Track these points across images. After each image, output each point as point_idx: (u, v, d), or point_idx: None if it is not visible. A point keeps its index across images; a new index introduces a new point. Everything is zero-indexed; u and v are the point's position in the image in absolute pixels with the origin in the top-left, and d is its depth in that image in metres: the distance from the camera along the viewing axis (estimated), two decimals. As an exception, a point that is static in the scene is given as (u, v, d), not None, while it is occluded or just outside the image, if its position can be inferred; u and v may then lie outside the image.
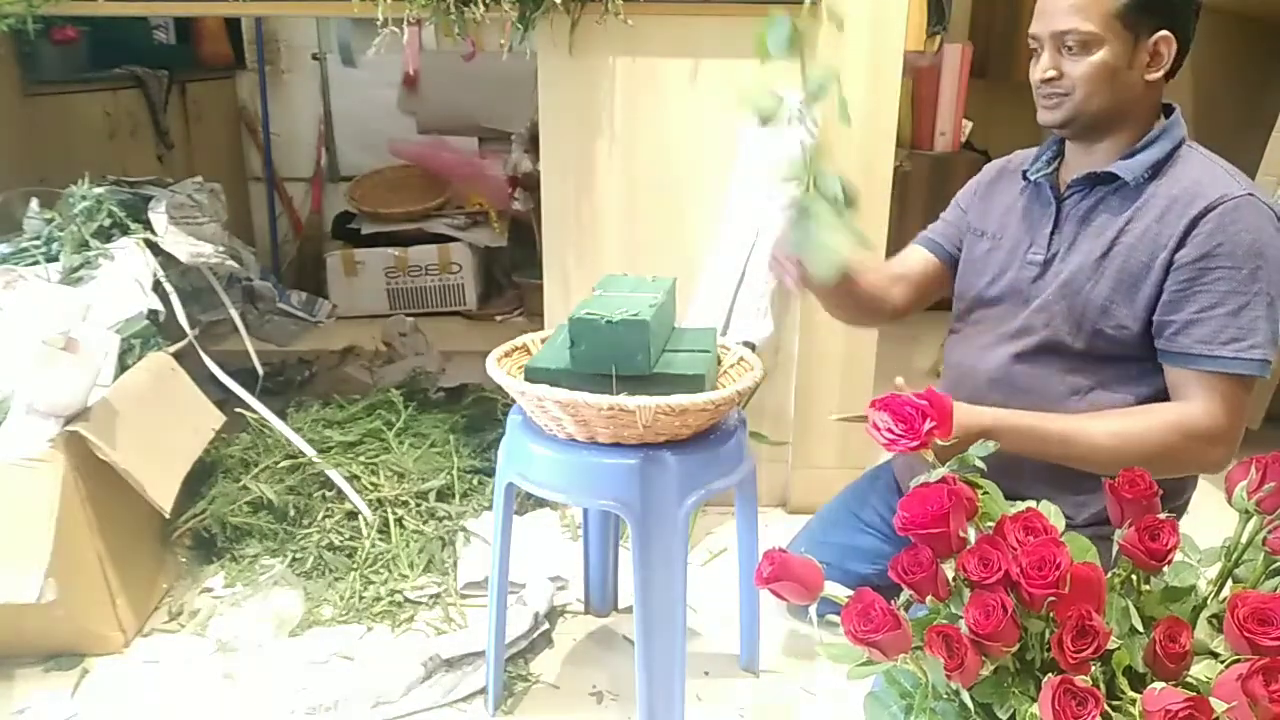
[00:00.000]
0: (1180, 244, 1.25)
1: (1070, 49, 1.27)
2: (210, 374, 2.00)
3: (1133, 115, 1.32)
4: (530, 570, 1.83)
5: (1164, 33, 1.26)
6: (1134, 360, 1.33)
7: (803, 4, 1.87)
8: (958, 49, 3.15)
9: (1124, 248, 1.30)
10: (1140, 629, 0.86)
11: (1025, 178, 1.45)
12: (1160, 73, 1.28)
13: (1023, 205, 1.46)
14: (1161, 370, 1.32)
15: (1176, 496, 1.40)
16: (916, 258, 1.62)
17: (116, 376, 1.70)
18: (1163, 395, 1.33)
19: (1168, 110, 1.35)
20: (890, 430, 0.94)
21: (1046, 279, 1.39)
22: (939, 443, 0.94)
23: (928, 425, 0.92)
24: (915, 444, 0.93)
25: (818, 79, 1.28)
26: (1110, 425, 1.28)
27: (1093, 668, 0.81)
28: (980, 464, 0.96)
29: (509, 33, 1.85)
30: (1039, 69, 1.31)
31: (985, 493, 0.96)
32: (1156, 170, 1.31)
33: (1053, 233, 1.39)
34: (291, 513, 1.94)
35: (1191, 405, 1.26)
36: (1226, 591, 0.90)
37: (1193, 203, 1.25)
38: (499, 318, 3.70)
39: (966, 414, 1.26)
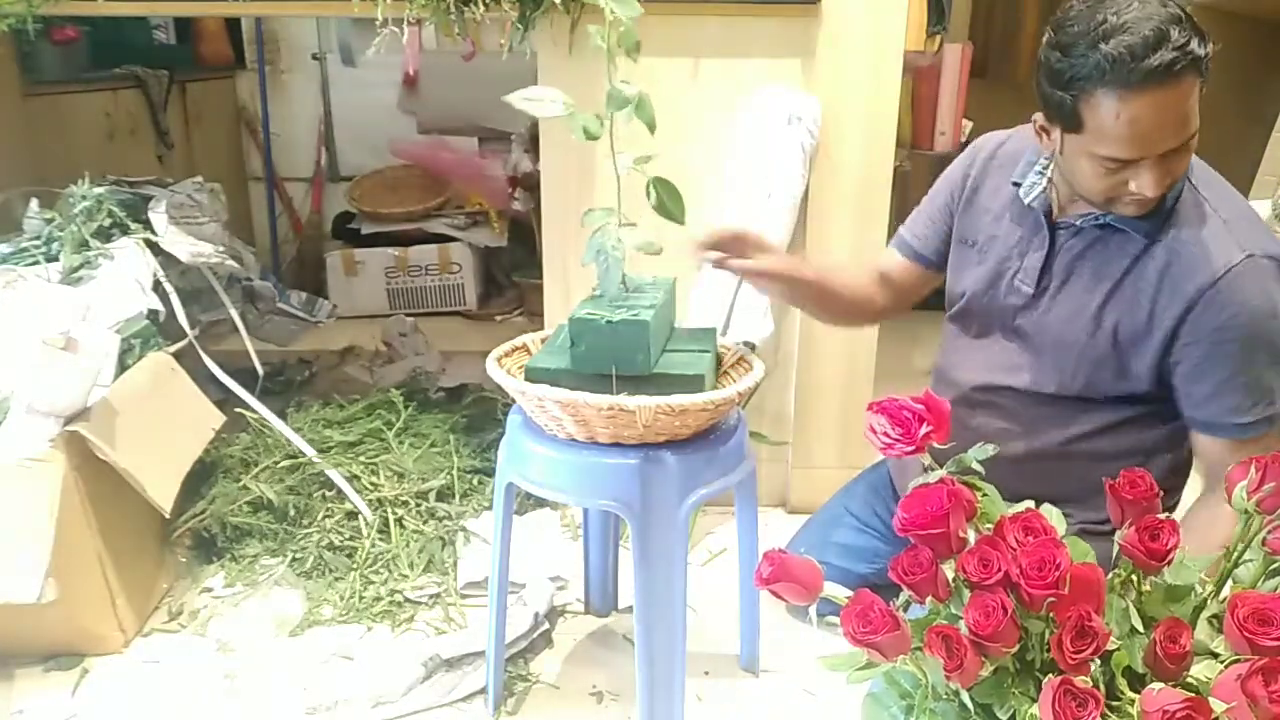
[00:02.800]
0: (1185, 313, 1.23)
1: (1177, 150, 1.16)
2: (210, 374, 2.00)
3: None
4: (530, 570, 1.83)
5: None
6: (1107, 400, 1.34)
7: (810, 4, 1.87)
8: (958, 49, 3.14)
9: (1125, 301, 1.28)
10: (1140, 629, 0.86)
11: (1016, 190, 1.39)
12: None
13: (1011, 217, 1.40)
14: (1150, 414, 1.33)
15: (1167, 498, 1.40)
16: (893, 262, 1.59)
17: (116, 376, 1.70)
18: (1142, 416, 1.33)
19: None
20: (887, 434, 0.94)
21: (1036, 314, 1.37)
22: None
23: (924, 430, 0.92)
24: (911, 448, 0.93)
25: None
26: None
27: (1092, 668, 0.81)
28: (978, 466, 0.96)
29: (509, 33, 1.85)
30: (1150, 187, 1.17)
31: (984, 494, 0.96)
32: (1159, 215, 1.26)
33: (1044, 267, 1.35)
34: (291, 513, 1.94)
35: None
36: (1226, 592, 0.90)
37: (1194, 270, 1.22)
38: (499, 318, 3.69)
39: None
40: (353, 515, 1.94)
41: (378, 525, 1.93)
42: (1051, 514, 0.92)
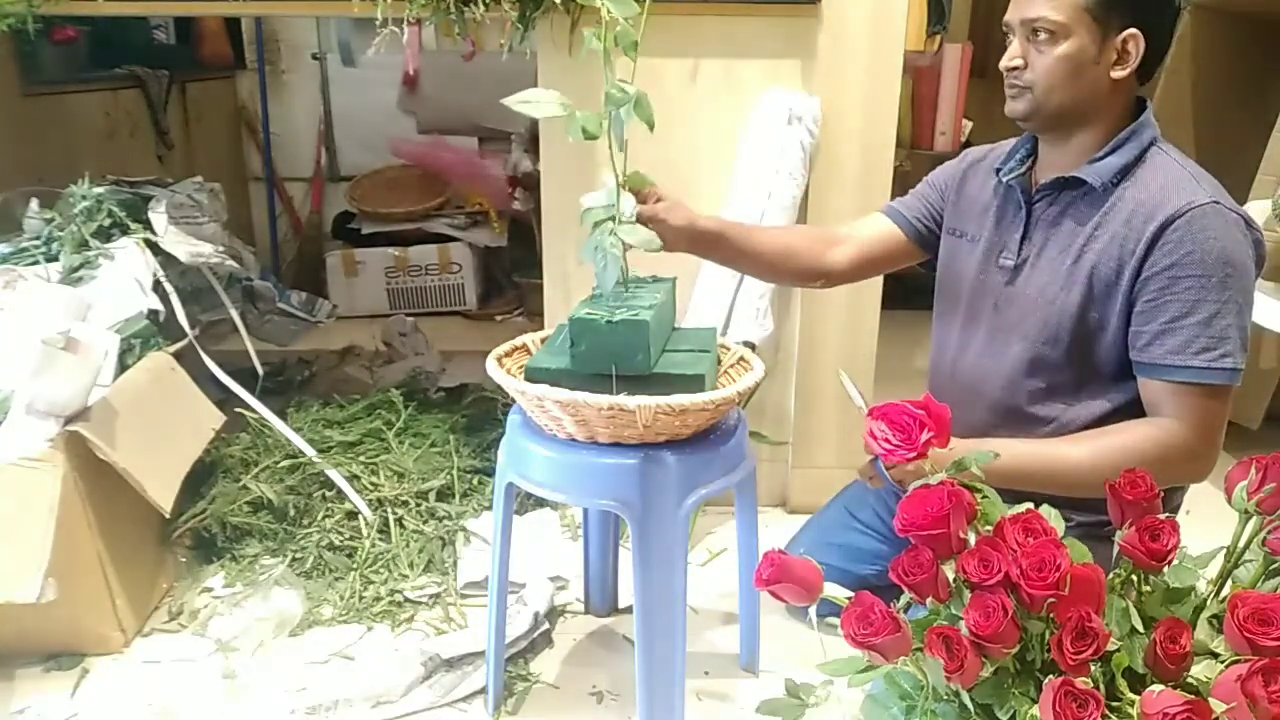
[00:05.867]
0: (1147, 252, 1.25)
1: (1038, 38, 1.27)
2: (210, 374, 1.99)
3: (1099, 113, 1.31)
4: (530, 570, 1.83)
5: (1133, 30, 1.25)
6: (1108, 368, 1.34)
7: (810, 4, 1.87)
8: (958, 49, 3.14)
9: (1094, 254, 1.30)
10: (1140, 630, 0.86)
11: (998, 176, 1.44)
12: (1126, 71, 1.27)
13: (997, 205, 1.45)
14: (1128, 371, 1.31)
15: (1168, 499, 1.39)
16: (874, 225, 1.60)
17: (116, 376, 1.70)
18: (1137, 403, 1.32)
19: (1139, 106, 1.34)
20: (888, 440, 0.94)
21: (1017, 285, 1.39)
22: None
23: (925, 435, 0.92)
24: (912, 454, 0.93)
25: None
26: (1088, 446, 1.27)
27: (1092, 669, 0.81)
28: (978, 471, 0.96)
29: (509, 33, 1.85)
30: (1005, 56, 1.31)
31: (984, 497, 0.96)
32: (1125, 174, 1.30)
33: (1023, 238, 1.39)
34: (291, 513, 1.93)
35: (1168, 420, 1.25)
36: (1226, 592, 0.90)
37: (1158, 209, 1.24)
38: (499, 318, 3.69)
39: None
40: (353, 515, 1.94)
41: (378, 525, 1.93)
42: (1051, 515, 0.92)
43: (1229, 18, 2.74)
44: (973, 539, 0.90)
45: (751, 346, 1.77)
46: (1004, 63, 1.31)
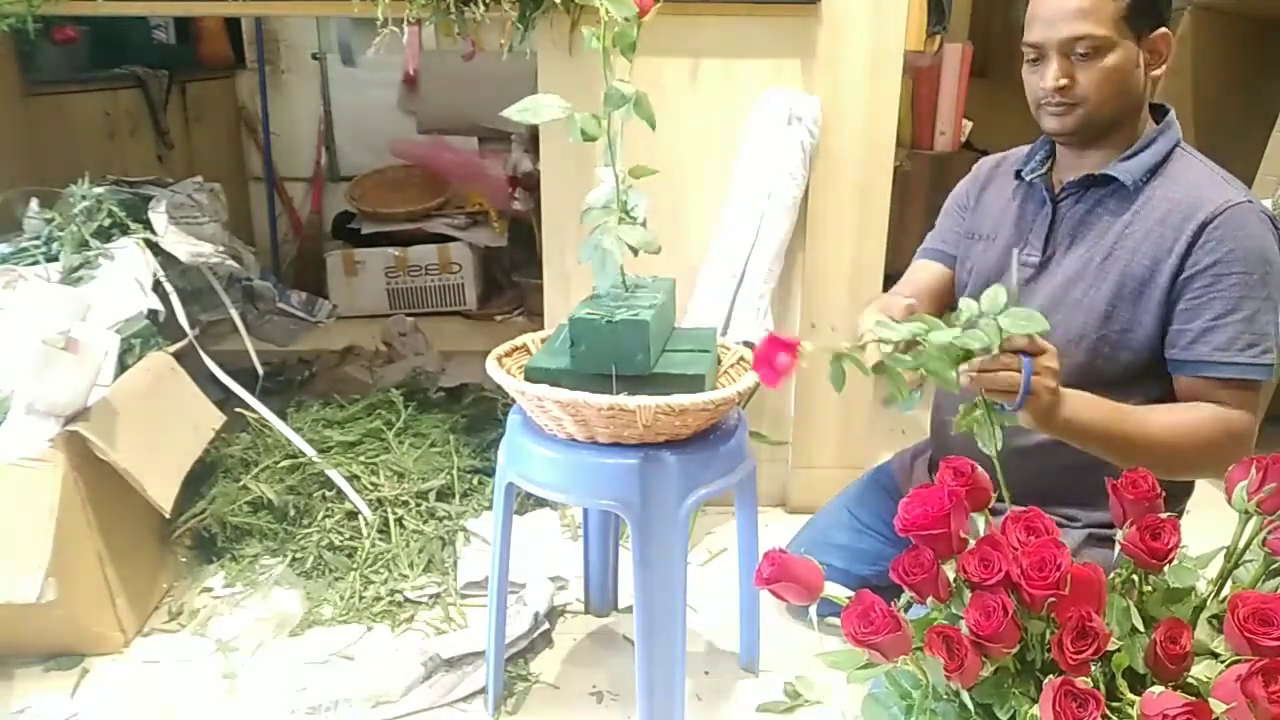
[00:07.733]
0: (1188, 251, 1.25)
1: (1082, 55, 1.25)
2: (210, 374, 2.00)
3: (1133, 116, 1.32)
4: (530, 570, 1.83)
5: (1163, 30, 1.26)
6: (1132, 369, 1.33)
7: (810, 3, 1.87)
8: (958, 49, 3.14)
9: (1126, 251, 1.30)
10: (1141, 629, 0.86)
11: (1019, 177, 1.45)
12: (1162, 69, 1.28)
13: (1017, 205, 1.45)
14: (1160, 383, 1.31)
15: (1174, 503, 1.39)
16: (928, 273, 1.60)
17: (116, 376, 1.70)
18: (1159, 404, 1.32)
19: (1160, 110, 1.35)
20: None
21: (1041, 282, 1.39)
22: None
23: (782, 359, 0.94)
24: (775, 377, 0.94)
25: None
26: (1164, 419, 1.25)
27: (1092, 669, 0.81)
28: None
29: (509, 33, 1.85)
30: (1049, 78, 1.28)
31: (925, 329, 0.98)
32: (1154, 172, 1.31)
33: (1048, 235, 1.39)
34: (291, 513, 1.93)
35: (1225, 407, 1.25)
36: (1226, 592, 0.91)
37: (1197, 208, 1.25)
38: (499, 318, 3.70)
39: (1052, 405, 1.14)
40: (353, 515, 1.94)
41: (378, 525, 1.93)
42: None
43: (1229, 18, 2.74)
44: (981, 526, 0.90)
45: (751, 346, 1.77)
46: (1049, 84, 1.27)
